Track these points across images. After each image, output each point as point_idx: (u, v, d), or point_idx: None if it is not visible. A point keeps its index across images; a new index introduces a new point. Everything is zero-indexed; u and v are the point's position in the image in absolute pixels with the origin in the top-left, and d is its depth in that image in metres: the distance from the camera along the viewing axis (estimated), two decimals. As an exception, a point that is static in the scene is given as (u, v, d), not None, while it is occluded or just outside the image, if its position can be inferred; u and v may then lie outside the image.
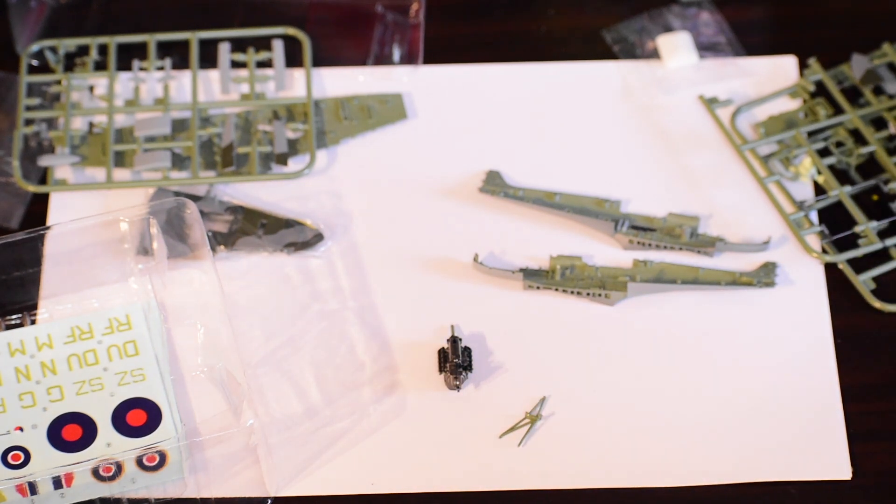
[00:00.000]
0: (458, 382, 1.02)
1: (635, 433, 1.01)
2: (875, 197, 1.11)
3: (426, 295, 1.07)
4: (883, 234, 1.09)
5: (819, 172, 1.11)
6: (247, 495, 0.99)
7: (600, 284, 1.06)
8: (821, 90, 1.16)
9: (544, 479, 0.99)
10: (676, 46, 1.17)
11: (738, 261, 1.08)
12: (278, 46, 1.17)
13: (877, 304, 1.06)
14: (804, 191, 1.11)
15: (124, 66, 1.17)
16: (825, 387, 1.02)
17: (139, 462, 0.97)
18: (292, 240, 1.08)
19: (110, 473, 0.96)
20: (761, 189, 1.11)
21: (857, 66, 1.15)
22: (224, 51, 1.17)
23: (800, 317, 1.06)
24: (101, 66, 1.17)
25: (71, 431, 0.98)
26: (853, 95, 1.16)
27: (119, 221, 1.05)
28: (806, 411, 1.01)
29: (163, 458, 0.97)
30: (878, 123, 1.14)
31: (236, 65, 1.18)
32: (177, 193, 1.10)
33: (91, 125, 1.14)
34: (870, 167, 1.12)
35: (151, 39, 1.18)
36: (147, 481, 0.98)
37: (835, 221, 1.10)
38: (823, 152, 1.13)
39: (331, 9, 1.20)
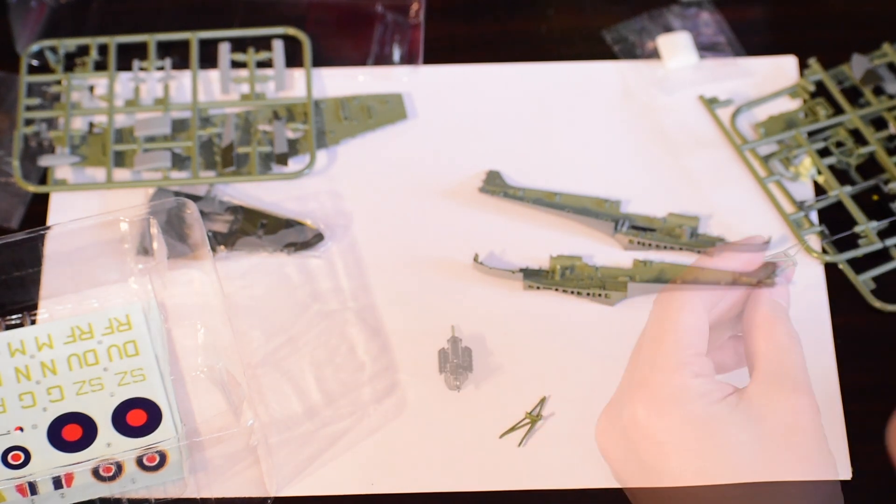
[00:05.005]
0: (458, 383, 1.02)
1: (635, 433, 1.01)
2: (875, 197, 1.11)
3: (426, 295, 1.07)
4: (883, 234, 1.09)
5: (819, 172, 1.11)
6: (247, 495, 0.99)
7: (600, 284, 1.06)
8: (821, 90, 1.16)
9: (544, 479, 0.99)
10: (676, 46, 1.17)
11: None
12: (278, 46, 1.17)
13: (877, 304, 1.06)
14: (804, 191, 1.11)
15: (124, 66, 1.17)
16: (825, 387, 1.02)
17: (139, 462, 0.97)
18: (292, 240, 1.08)
19: (110, 473, 0.96)
20: (761, 189, 1.11)
21: (857, 66, 1.15)
22: (224, 51, 1.17)
23: (800, 317, 1.05)
24: (101, 66, 1.17)
25: (71, 431, 0.98)
26: (853, 95, 1.16)
27: (119, 221, 1.05)
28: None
29: (163, 458, 0.97)
30: (878, 123, 1.14)
31: (236, 65, 1.18)
32: (177, 193, 1.10)
33: (91, 125, 1.14)
34: (870, 167, 1.12)
35: (151, 39, 1.18)
36: (147, 481, 0.98)
37: (835, 221, 1.09)
38: (823, 152, 1.13)
39: (331, 9, 1.20)
